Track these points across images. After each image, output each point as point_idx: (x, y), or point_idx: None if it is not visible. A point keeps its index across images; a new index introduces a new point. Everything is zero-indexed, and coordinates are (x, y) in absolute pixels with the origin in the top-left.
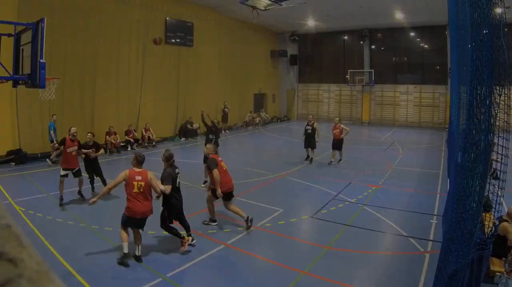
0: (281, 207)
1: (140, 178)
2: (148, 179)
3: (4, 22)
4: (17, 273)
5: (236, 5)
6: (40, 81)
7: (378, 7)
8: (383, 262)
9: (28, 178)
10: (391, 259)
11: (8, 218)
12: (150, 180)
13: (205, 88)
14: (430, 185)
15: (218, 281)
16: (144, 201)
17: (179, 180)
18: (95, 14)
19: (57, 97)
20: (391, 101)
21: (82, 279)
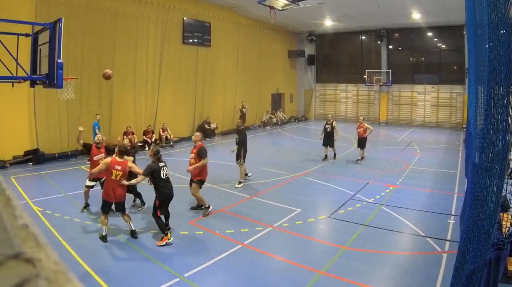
0: (298, 207)
1: (120, 168)
2: (127, 169)
3: (21, 22)
4: (35, 273)
5: (254, 5)
6: (58, 81)
7: (395, 7)
8: (401, 262)
9: (46, 178)
10: (409, 259)
11: (26, 218)
12: (129, 168)
13: (223, 88)
14: (448, 185)
15: (235, 281)
16: (118, 187)
17: (165, 172)
18: (112, 14)
19: (75, 97)
20: (408, 101)
21: (100, 279)
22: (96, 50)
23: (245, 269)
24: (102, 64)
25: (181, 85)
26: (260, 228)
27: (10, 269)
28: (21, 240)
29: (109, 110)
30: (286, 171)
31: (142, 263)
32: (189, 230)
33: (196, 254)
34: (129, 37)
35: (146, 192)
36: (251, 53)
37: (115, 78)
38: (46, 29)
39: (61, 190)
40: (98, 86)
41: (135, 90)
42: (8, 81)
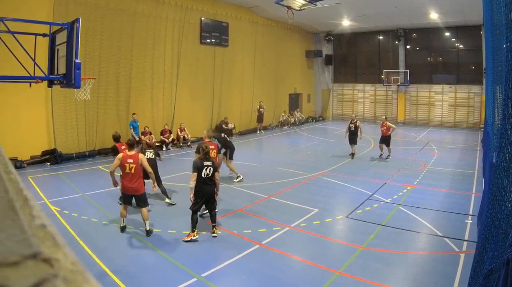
0: (316, 207)
1: (132, 161)
2: (139, 161)
3: (39, 22)
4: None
5: (271, 5)
6: (75, 81)
7: (413, 7)
8: (418, 262)
9: (63, 177)
10: (426, 259)
11: (43, 218)
12: (141, 162)
13: (240, 88)
14: (465, 185)
15: (253, 281)
16: (132, 181)
17: (207, 171)
18: (131, 14)
19: (92, 97)
20: (426, 101)
21: (117, 279)
22: (114, 50)
23: (263, 269)
24: (120, 64)
25: (198, 85)
26: (278, 228)
27: (28, 269)
28: (39, 240)
29: (126, 110)
30: (304, 171)
31: (160, 262)
32: (206, 230)
33: (213, 254)
34: (147, 37)
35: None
36: (269, 53)
37: (133, 78)
38: (63, 29)
39: (78, 189)
40: (116, 86)
41: (153, 91)
42: (25, 81)
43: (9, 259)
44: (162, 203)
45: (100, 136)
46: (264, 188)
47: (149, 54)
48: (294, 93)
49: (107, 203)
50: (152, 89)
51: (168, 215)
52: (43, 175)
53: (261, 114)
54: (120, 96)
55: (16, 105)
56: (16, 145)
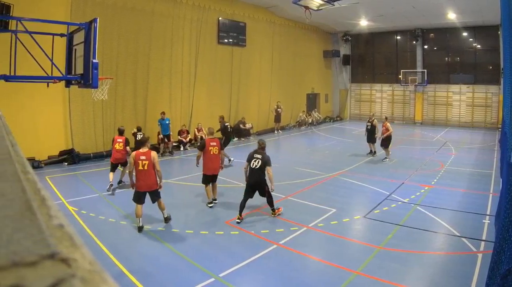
0: (333, 207)
1: (144, 157)
2: (152, 158)
3: (56, 22)
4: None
5: (289, 5)
6: (93, 81)
7: (431, 7)
8: (436, 262)
9: (81, 177)
10: (444, 259)
11: (61, 218)
12: (153, 159)
13: (258, 88)
14: (483, 185)
15: (270, 281)
16: (145, 177)
17: (256, 163)
18: (148, 14)
19: (110, 97)
20: (443, 101)
21: (135, 279)
22: (132, 50)
23: (280, 269)
24: (138, 64)
25: (216, 85)
26: (295, 228)
27: (45, 269)
28: (56, 240)
29: (144, 111)
30: (321, 170)
31: (177, 262)
32: (224, 230)
33: (231, 254)
34: (165, 37)
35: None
36: (286, 53)
37: (150, 78)
38: (81, 29)
39: (96, 189)
40: (133, 86)
41: (171, 91)
42: (43, 81)
43: (26, 259)
44: (179, 203)
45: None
46: (282, 188)
47: (166, 54)
48: (311, 93)
49: (124, 203)
50: (169, 90)
51: (186, 215)
52: (61, 175)
53: (278, 114)
54: (138, 96)
55: (33, 106)
56: (33, 145)
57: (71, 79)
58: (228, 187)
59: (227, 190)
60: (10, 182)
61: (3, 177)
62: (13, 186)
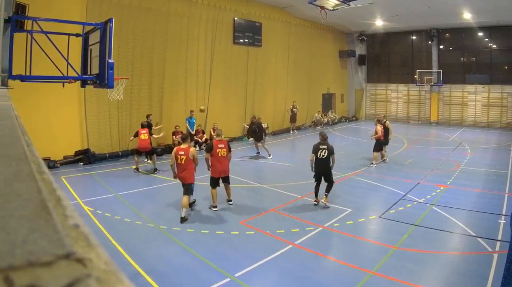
0: (349, 207)
1: (183, 153)
2: (189, 153)
3: (72, 22)
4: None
5: (304, 5)
6: (108, 81)
7: (446, 7)
8: (451, 262)
9: (96, 177)
10: (459, 259)
11: (76, 218)
12: (191, 155)
13: (273, 88)
14: (498, 185)
15: (286, 281)
16: (183, 171)
17: (323, 153)
18: (164, 14)
19: (125, 97)
20: (459, 101)
21: (150, 279)
22: (147, 50)
23: (296, 269)
24: (153, 64)
25: (231, 85)
26: (311, 228)
27: (61, 269)
28: (72, 240)
29: (159, 111)
30: (337, 170)
31: (193, 262)
32: (240, 230)
33: (246, 254)
34: (180, 37)
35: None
36: (302, 53)
37: (166, 78)
38: (96, 29)
39: (111, 189)
40: (149, 86)
41: (186, 91)
42: (59, 81)
43: (42, 259)
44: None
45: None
46: (297, 188)
47: (182, 54)
48: (327, 93)
49: (140, 203)
50: (185, 89)
51: (201, 215)
52: (76, 175)
53: (294, 114)
54: (153, 96)
55: (49, 106)
56: (49, 145)
57: (86, 79)
58: (244, 187)
59: (242, 190)
60: (25, 182)
61: (18, 177)
62: (29, 186)
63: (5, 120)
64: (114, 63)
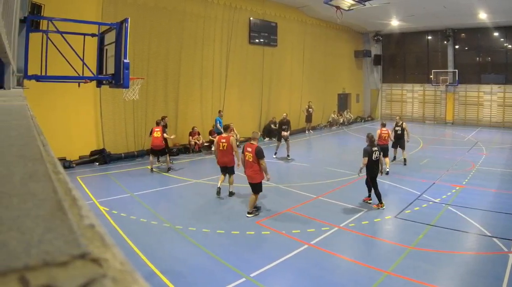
0: (364, 207)
1: (224, 141)
2: (230, 141)
3: (87, 22)
4: (101, 273)
5: (320, 5)
6: (124, 81)
7: (462, 7)
8: (467, 262)
9: (112, 177)
10: (475, 259)
11: (92, 218)
12: (231, 142)
13: (289, 88)
14: None
15: (301, 281)
16: (224, 156)
17: (376, 155)
18: (179, 14)
19: (141, 97)
20: (474, 101)
21: (166, 279)
22: (163, 50)
23: (311, 269)
24: (169, 64)
25: (247, 85)
26: (327, 228)
27: (76, 269)
28: (87, 240)
29: (175, 111)
30: (352, 170)
31: (208, 262)
32: (255, 230)
33: (262, 254)
34: (196, 37)
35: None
36: (317, 53)
37: (181, 78)
38: (112, 29)
39: (127, 189)
40: (164, 86)
41: (202, 91)
42: (74, 81)
43: (57, 259)
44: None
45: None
46: (313, 188)
47: (198, 54)
48: (342, 93)
49: (155, 203)
50: (200, 89)
51: (216, 215)
52: (92, 175)
53: (310, 114)
54: (169, 96)
55: (65, 106)
56: (65, 145)
57: (102, 79)
58: None
59: None
60: (41, 182)
61: (34, 177)
62: (44, 186)
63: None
64: (129, 63)
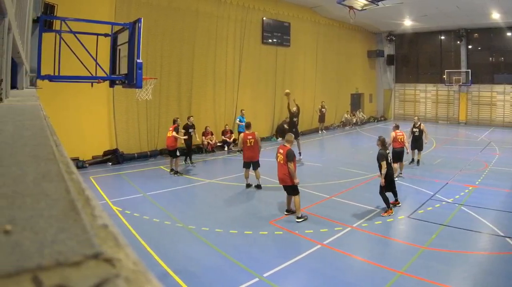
0: (377, 207)
1: (251, 137)
2: (256, 137)
3: (101, 22)
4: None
5: (333, 5)
6: (137, 81)
7: (475, 7)
8: (480, 262)
9: (125, 178)
10: (488, 259)
11: (105, 218)
12: (257, 138)
13: (302, 88)
14: None
15: (315, 281)
16: (251, 151)
17: (390, 157)
18: (193, 14)
19: (154, 97)
20: (488, 101)
21: (179, 279)
22: (176, 50)
23: (325, 269)
24: (182, 64)
25: (260, 85)
26: (340, 228)
27: (89, 269)
28: (100, 240)
29: (188, 110)
30: (365, 170)
31: (221, 262)
32: (268, 230)
33: (275, 254)
34: (209, 37)
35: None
36: (330, 53)
37: (194, 78)
38: (125, 29)
39: (140, 189)
40: (177, 86)
41: (215, 90)
42: (87, 81)
43: (71, 259)
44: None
45: (162, 137)
46: (326, 188)
47: (211, 54)
48: (356, 93)
49: (169, 203)
50: (213, 89)
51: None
52: (105, 175)
53: (323, 114)
54: (182, 96)
55: (78, 106)
56: (78, 145)
57: (115, 79)
58: (273, 187)
59: (271, 190)
60: (54, 182)
61: (47, 177)
62: (58, 186)
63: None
64: (142, 63)
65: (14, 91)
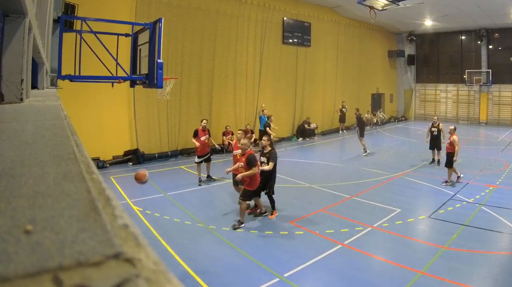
0: (398, 207)
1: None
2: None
3: (121, 22)
4: (135, 273)
5: (354, 5)
6: (158, 81)
7: (496, 7)
8: (501, 262)
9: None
10: (509, 259)
11: (126, 218)
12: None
13: (322, 88)
14: None
15: (335, 281)
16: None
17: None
18: (212, 13)
19: (175, 97)
20: (508, 101)
21: (200, 279)
22: (196, 50)
23: (345, 269)
24: (202, 64)
25: (280, 85)
26: (360, 228)
27: (110, 269)
28: (121, 240)
29: (209, 111)
30: (386, 170)
31: (242, 262)
32: (289, 230)
33: (296, 254)
34: (229, 37)
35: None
36: (351, 53)
37: (215, 78)
38: (146, 29)
39: (161, 190)
40: (198, 86)
41: (235, 91)
42: (108, 81)
43: (91, 259)
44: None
45: (183, 137)
46: (347, 188)
47: (231, 54)
48: (376, 93)
49: (189, 203)
50: (234, 89)
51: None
52: (126, 175)
53: (343, 114)
54: (202, 96)
55: (98, 106)
56: (98, 145)
57: (135, 79)
58: (293, 187)
59: (292, 190)
60: (75, 182)
61: (68, 177)
62: (78, 186)
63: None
64: (163, 63)
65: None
